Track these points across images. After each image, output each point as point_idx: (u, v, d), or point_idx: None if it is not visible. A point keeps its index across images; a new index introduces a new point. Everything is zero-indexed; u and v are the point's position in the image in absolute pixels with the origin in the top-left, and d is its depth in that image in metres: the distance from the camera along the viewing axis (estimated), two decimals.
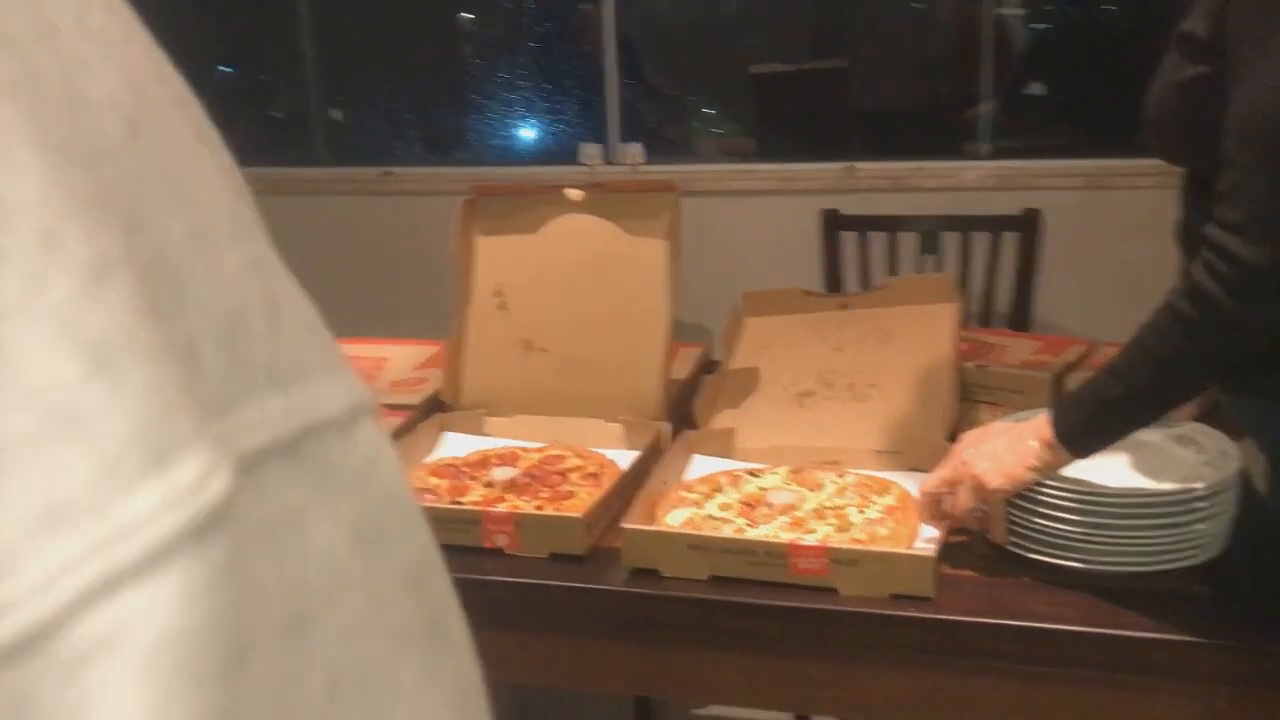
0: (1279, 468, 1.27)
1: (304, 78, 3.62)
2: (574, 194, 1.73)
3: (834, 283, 2.62)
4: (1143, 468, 1.28)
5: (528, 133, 3.53)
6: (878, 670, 1.24)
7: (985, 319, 2.56)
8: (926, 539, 1.30)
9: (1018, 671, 1.20)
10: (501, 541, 1.34)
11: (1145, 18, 3.27)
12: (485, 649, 1.25)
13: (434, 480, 1.50)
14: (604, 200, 1.72)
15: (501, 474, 1.49)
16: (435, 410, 1.73)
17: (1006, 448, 1.22)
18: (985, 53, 3.07)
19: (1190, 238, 1.14)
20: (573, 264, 1.72)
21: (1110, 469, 1.27)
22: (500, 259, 1.76)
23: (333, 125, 3.71)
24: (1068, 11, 3.42)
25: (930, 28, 3.40)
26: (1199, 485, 1.20)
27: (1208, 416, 1.55)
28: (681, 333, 2.00)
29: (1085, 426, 1.18)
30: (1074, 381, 1.51)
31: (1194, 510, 1.20)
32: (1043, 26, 3.38)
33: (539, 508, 1.41)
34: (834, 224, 2.64)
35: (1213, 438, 1.32)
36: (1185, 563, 1.21)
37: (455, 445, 1.66)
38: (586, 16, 3.34)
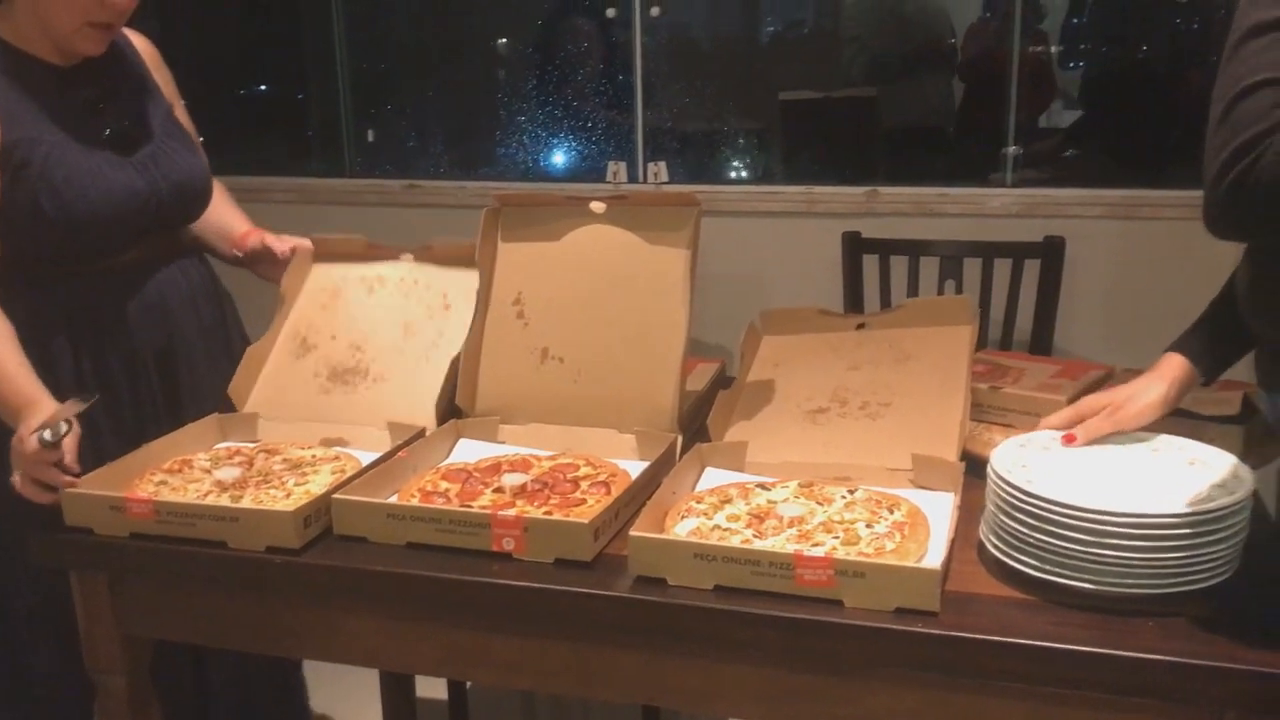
0: None
1: (337, 96, 3.69)
2: (596, 205, 1.74)
3: (855, 304, 2.62)
4: (1154, 490, 1.27)
5: (557, 157, 3.56)
6: (883, 685, 1.23)
7: (1006, 345, 2.55)
8: (934, 555, 1.29)
9: (1024, 691, 1.18)
10: (509, 545, 1.34)
11: (1179, 58, 3.28)
12: (492, 654, 1.25)
13: (444, 484, 1.51)
14: (626, 212, 1.73)
15: (512, 479, 1.49)
16: (452, 417, 1.74)
17: None
18: (1015, 86, 3.08)
19: None
20: (592, 274, 1.73)
21: (1122, 491, 1.26)
22: (520, 268, 1.77)
23: (363, 141, 3.77)
24: (1104, 50, 3.43)
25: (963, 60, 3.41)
26: (1210, 509, 1.19)
27: (1243, 416, 1.55)
28: (702, 349, 2.01)
29: None
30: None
31: (1205, 534, 1.19)
32: (1074, 65, 3.39)
33: (548, 514, 1.41)
34: (856, 246, 2.64)
35: (1225, 460, 1.31)
36: (1195, 585, 1.20)
37: (469, 451, 1.67)
38: (582, 30, 3.38)
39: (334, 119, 3.71)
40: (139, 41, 1.92)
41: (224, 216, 1.97)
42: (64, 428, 1.46)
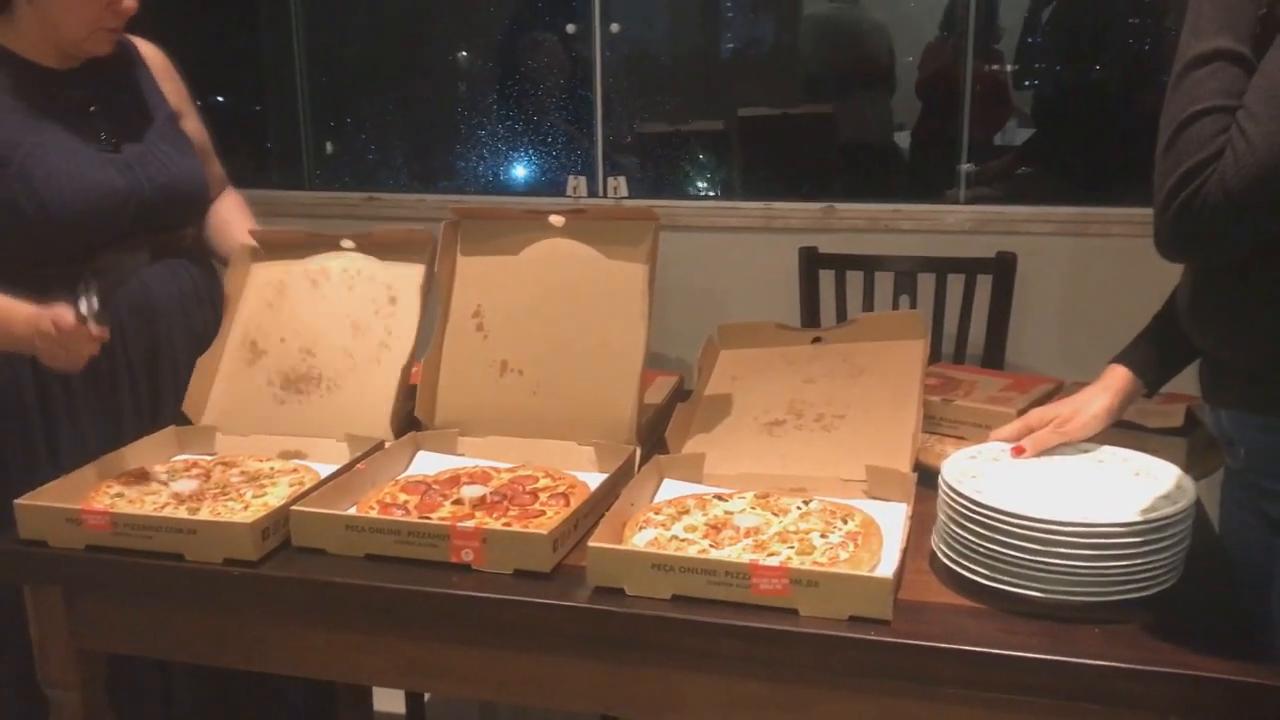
0: (1264, 478, 1.31)
1: (296, 108, 3.68)
2: (555, 219, 1.76)
3: (812, 318, 2.65)
4: (1101, 500, 1.30)
5: (518, 171, 3.58)
6: (837, 693, 1.25)
7: (959, 359, 2.59)
8: (887, 564, 1.31)
9: (975, 698, 1.21)
10: (468, 557, 1.35)
11: (1131, 79, 3.34)
12: (451, 665, 1.26)
13: (404, 496, 1.52)
14: (585, 226, 1.75)
15: (471, 491, 1.50)
16: (411, 429, 1.74)
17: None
18: (968, 103, 3.13)
19: None
20: (551, 288, 1.74)
21: (1069, 501, 1.29)
22: (480, 281, 1.78)
23: (323, 153, 3.77)
24: (1059, 69, 3.49)
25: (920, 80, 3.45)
26: (1155, 518, 1.22)
27: (1187, 429, 1.58)
28: (661, 363, 2.03)
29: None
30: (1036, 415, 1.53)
31: (1149, 542, 1.22)
32: (1030, 84, 3.45)
33: (507, 525, 1.42)
34: (812, 261, 2.68)
35: (1169, 471, 1.34)
36: (1140, 593, 1.23)
37: (428, 463, 1.67)
38: (543, 45, 3.41)
39: (293, 131, 3.70)
40: (147, 50, 1.97)
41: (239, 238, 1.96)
42: (95, 300, 1.55)
